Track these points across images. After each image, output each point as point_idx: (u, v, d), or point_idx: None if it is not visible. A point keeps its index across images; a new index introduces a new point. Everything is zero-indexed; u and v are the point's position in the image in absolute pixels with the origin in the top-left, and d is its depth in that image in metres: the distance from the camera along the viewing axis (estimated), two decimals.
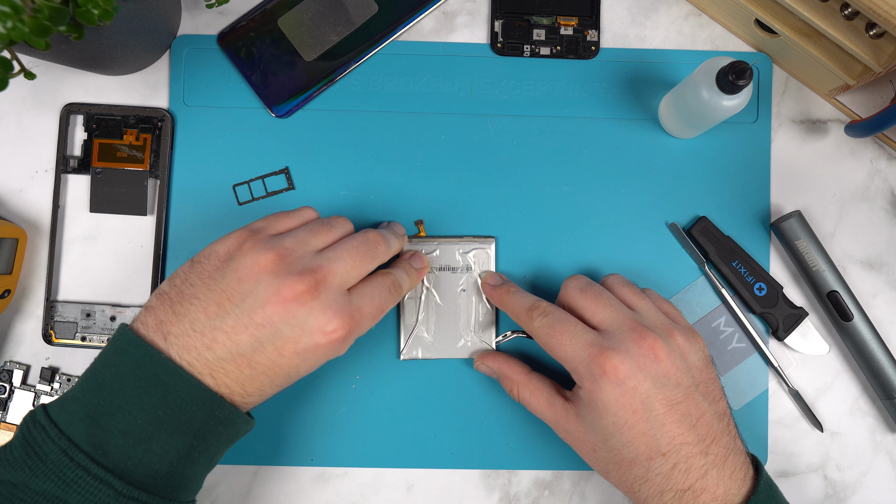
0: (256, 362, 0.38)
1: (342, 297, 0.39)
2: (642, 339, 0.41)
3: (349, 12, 0.51)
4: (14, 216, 0.51)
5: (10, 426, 0.50)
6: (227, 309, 0.38)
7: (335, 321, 0.38)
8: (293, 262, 0.39)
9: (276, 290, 0.37)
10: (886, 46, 0.44)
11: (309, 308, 0.38)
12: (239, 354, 0.38)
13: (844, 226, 0.52)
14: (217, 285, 0.38)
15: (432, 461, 0.50)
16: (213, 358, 0.37)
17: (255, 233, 0.40)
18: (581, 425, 0.43)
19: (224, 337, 0.37)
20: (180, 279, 0.39)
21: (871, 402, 0.52)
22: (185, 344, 0.37)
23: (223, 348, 0.37)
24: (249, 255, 0.38)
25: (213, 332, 0.37)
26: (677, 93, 0.47)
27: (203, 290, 0.38)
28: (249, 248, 0.39)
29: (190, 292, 0.38)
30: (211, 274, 0.39)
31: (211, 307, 0.38)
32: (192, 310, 0.38)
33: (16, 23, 0.33)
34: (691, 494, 0.40)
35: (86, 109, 0.51)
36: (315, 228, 0.42)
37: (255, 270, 0.38)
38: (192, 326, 0.38)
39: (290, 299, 0.37)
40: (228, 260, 0.39)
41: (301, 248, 0.40)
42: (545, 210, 0.51)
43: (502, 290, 0.48)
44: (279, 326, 0.37)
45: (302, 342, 0.38)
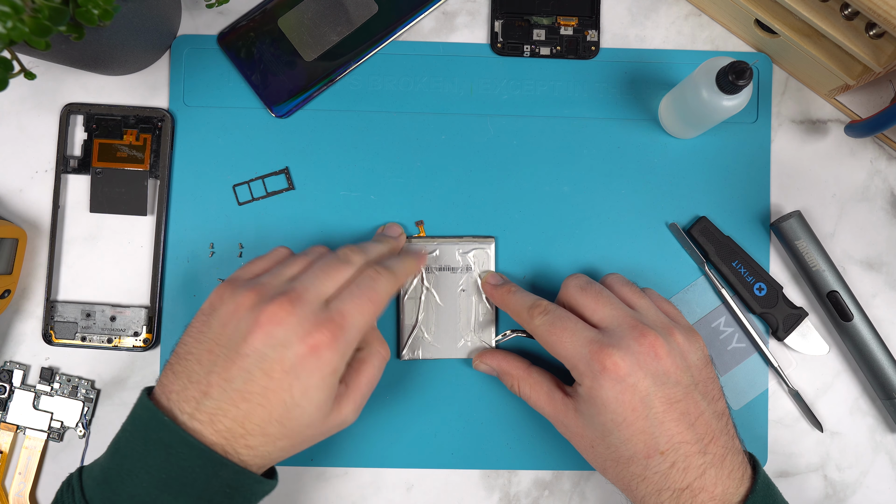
0: (250, 393, 0.38)
1: (318, 308, 0.39)
2: (643, 337, 0.41)
3: (349, 12, 0.51)
4: (14, 216, 0.51)
5: (10, 426, 0.50)
6: (216, 353, 0.39)
7: (314, 331, 0.38)
8: (268, 292, 0.40)
9: (254, 319, 0.38)
10: (886, 46, 0.44)
11: (286, 325, 0.38)
12: (233, 391, 0.38)
13: (844, 226, 0.52)
14: (205, 336, 0.40)
15: (432, 461, 0.50)
16: (210, 403, 0.38)
17: (231, 282, 0.41)
18: (580, 421, 0.43)
19: (217, 378, 0.38)
20: (178, 346, 0.41)
21: (871, 402, 0.52)
22: (184, 397, 0.38)
23: (218, 389, 0.38)
24: (229, 301, 0.40)
25: (207, 377, 0.38)
26: (677, 93, 0.47)
27: (194, 346, 0.40)
28: (229, 296, 0.40)
29: (184, 351, 0.40)
30: (199, 329, 0.40)
31: (203, 357, 0.39)
32: (188, 365, 0.39)
33: (16, 23, 0.33)
34: (689, 493, 0.40)
35: (86, 109, 0.51)
36: (290, 261, 0.43)
37: (236, 311, 0.39)
38: (189, 379, 0.39)
39: (266, 322, 0.38)
40: (212, 312, 0.40)
41: (276, 279, 0.41)
42: (545, 210, 0.51)
43: (503, 289, 0.48)
44: (263, 351, 0.38)
45: (287, 359, 0.38)
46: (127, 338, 0.50)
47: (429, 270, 0.50)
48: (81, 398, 0.50)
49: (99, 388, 0.51)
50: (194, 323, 0.41)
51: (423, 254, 0.49)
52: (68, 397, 0.50)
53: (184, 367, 0.39)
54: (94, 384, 0.51)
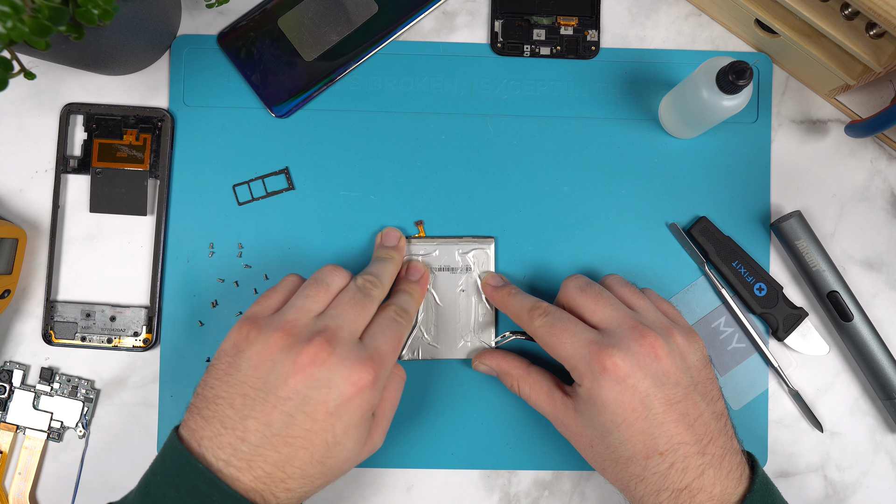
0: (292, 437, 0.37)
1: (357, 346, 0.40)
2: (643, 338, 0.41)
3: (349, 12, 0.51)
4: (14, 216, 0.51)
5: (9, 426, 0.50)
6: (251, 397, 0.38)
7: (358, 369, 0.38)
8: (300, 331, 0.39)
9: (293, 361, 0.38)
10: (886, 46, 0.44)
11: (329, 366, 0.38)
12: (274, 435, 0.37)
13: (844, 226, 0.52)
14: (235, 379, 0.39)
15: (432, 461, 0.50)
16: (248, 448, 0.37)
17: (254, 320, 0.41)
18: (579, 420, 0.43)
19: (255, 423, 0.38)
20: (200, 386, 0.40)
21: (871, 402, 0.52)
22: (219, 444, 0.38)
23: (256, 435, 0.37)
24: (258, 342, 0.39)
25: (243, 422, 0.38)
26: (677, 93, 0.47)
27: (224, 389, 0.39)
28: (256, 336, 0.39)
29: (212, 395, 0.39)
30: (227, 371, 0.39)
31: (236, 400, 0.38)
32: (219, 409, 0.38)
33: (16, 23, 0.33)
34: (688, 494, 0.40)
35: (86, 109, 0.51)
36: (310, 293, 0.42)
37: (268, 353, 0.39)
38: (223, 424, 0.38)
39: (308, 364, 0.38)
40: (238, 354, 0.39)
41: (303, 316, 0.40)
42: (545, 210, 0.51)
43: (503, 291, 0.48)
44: (306, 393, 0.38)
45: (332, 400, 0.38)
46: (127, 338, 0.50)
47: (429, 275, 0.50)
48: (81, 398, 0.50)
49: (99, 388, 0.51)
50: (218, 364, 0.40)
51: (426, 275, 0.49)
52: (68, 397, 0.50)
53: (214, 412, 0.38)
54: (93, 384, 0.51)
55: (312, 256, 0.51)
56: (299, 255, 0.51)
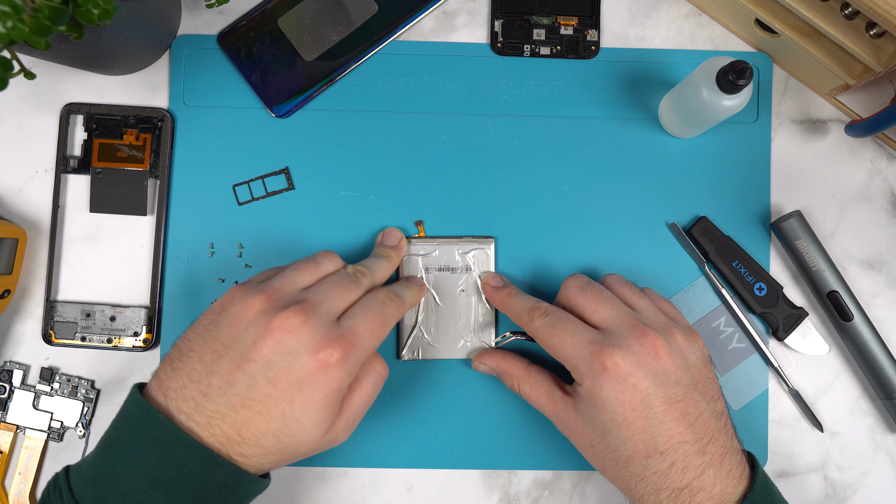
0: (251, 400, 0.37)
1: (331, 323, 0.39)
2: (643, 337, 0.41)
3: (349, 12, 0.51)
4: (14, 216, 0.51)
5: (9, 426, 0.50)
6: (220, 354, 0.38)
7: (326, 345, 0.38)
8: (280, 298, 0.39)
9: (266, 325, 0.38)
10: (886, 46, 0.44)
11: (297, 335, 0.38)
12: (234, 395, 0.37)
13: (844, 226, 0.52)
14: (211, 335, 0.39)
15: (432, 461, 0.50)
16: (209, 405, 0.37)
17: (244, 284, 0.41)
18: (580, 419, 0.43)
19: (219, 380, 0.38)
20: (180, 340, 0.40)
21: (871, 402, 0.52)
22: (182, 396, 0.38)
23: (218, 391, 0.37)
24: (239, 301, 0.39)
25: (208, 377, 0.38)
26: (677, 93, 0.47)
27: (199, 343, 0.39)
28: (240, 296, 0.40)
29: (187, 347, 0.39)
30: (206, 327, 0.40)
31: (206, 356, 0.38)
32: (189, 362, 0.39)
33: (16, 22, 0.33)
34: (688, 493, 0.40)
35: (86, 109, 0.51)
36: (300, 267, 0.42)
37: (245, 313, 0.39)
38: (189, 377, 0.38)
39: (277, 329, 0.38)
40: (221, 311, 0.40)
41: (288, 286, 0.41)
42: (545, 210, 0.51)
43: (503, 292, 0.48)
44: (270, 358, 0.37)
45: (294, 370, 0.37)
46: (127, 338, 0.50)
47: (428, 271, 0.50)
48: (81, 398, 0.50)
49: (99, 388, 0.51)
50: (202, 320, 0.40)
51: (424, 285, 0.49)
52: (68, 397, 0.50)
53: (184, 364, 0.39)
54: (94, 384, 0.51)
55: None
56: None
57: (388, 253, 0.48)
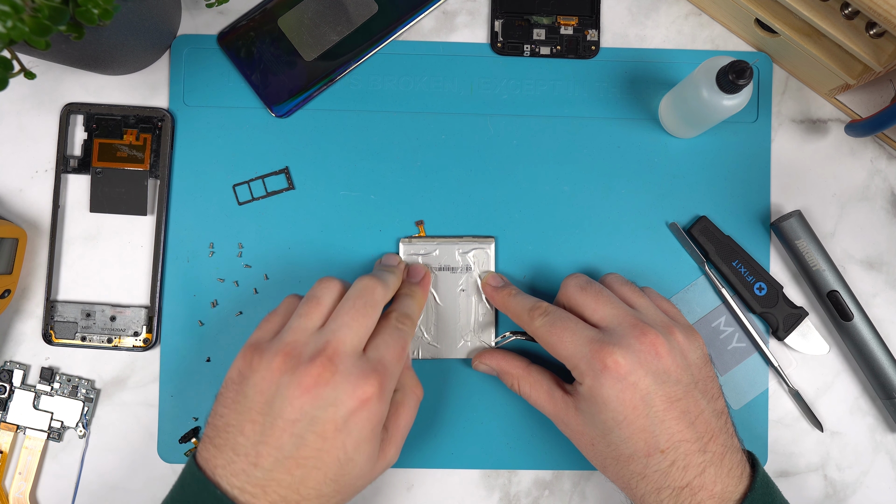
0: (304, 458, 0.38)
1: (360, 360, 0.39)
2: (643, 336, 0.41)
3: (349, 12, 0.51)
4: (14, 216, 0.51)
5: (10, 426, 0.50)
6: (259, 423, 0.38)
7: (362, 383, 0.38)
8: (300, 351, 0.39)
9: (297, 383, 0.38)
10: (886, 46, 0.44)
11: (333, 384, 0.38)
12: (286, 458, 0.37)
13: (844, 225, 0.52)
14: (243, 406, 0.39)
15: (432, 461, 0.50)
16: (261, 474, 0.37)
17: (256, 346, 0.41)
18: (580, 419, 0.43)
19: (266, 448, 0.38)
20: (211, 416, 0.40)
21: (871, 401, 0.52)
22: (232, 471, 0.38)
23: (269, 459, 0.38)
24: (261, 367, 0.39)
25: (255, 447, 0.38)
26: (677, 92, 0.47)
27: (233, 416, 0.39)
28: (259, 361, 0.39)
29: (223, 423, 0.39)
30: (234, 399, 0.40)
31: (246, 427, 0.38)
32: (230, 437, 0.39)
33: (16, 22, 0.33)
34: (689, 492, 0.40)
35: (86, 109, 0.51)
36: (303, 311, 0.42)
37: (272, 377, 0.39)
38: (235, 452, 0.38)
39: (312, 385, 0.38)
40: (243, 381, 0.40)
41: (301, 336, 0.40)
42: (545, 210, 0.51)
43: (504, 292, 0.48)
44: (313, 413, 0.38)
45: (339, 417, 0.38)
46: (127, 338, 0.50)
47: (430, 276, 0.50)
48: (81, 398, 0.50)
49: (99, 388, 0.51)
50: (225, 392, 0.40)
51: (428, 276, 0.49)
52: (68, 397, 0.50)
53: (225, 440, 0.39)
54: (94, 384, 0.51)
55: (312, 256, 0.51)
56: (299, 255, 0.51)
57: (390, 269, 0.47)
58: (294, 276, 0.50)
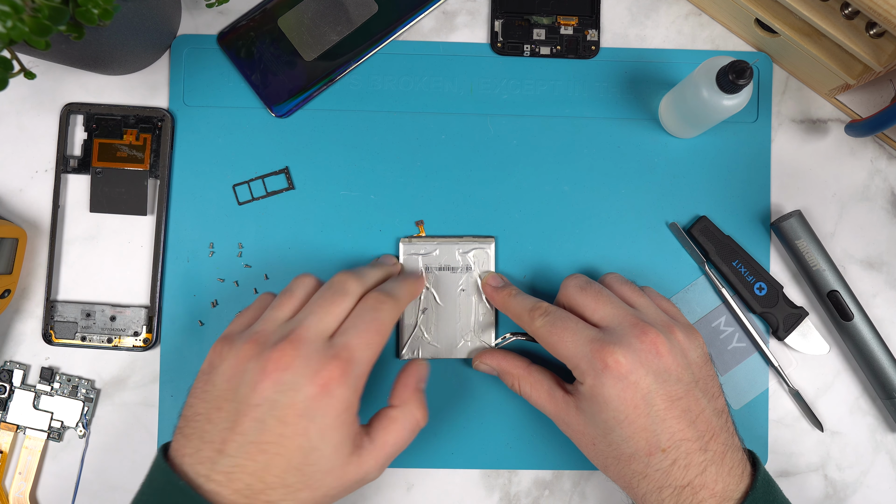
0: (266, 443, 0.37)
1: (323, 345, 0.39)
2: (644, 335, 0.41)
3: (349, 12, 0.51)
4: (14, 216, 0.51)
5: (10, 426, 0.50)
6: (226, 409, 0.38)
7: (321, 369, 0.38)
8: (267, 338, 0.39)
9: (261, 368, 0.38)
10: (886, 46, 0.44)
11: (293, 368, 0.38)
12: (248, 443, 0.37)
13: (844, 225, 0.52)
14: (210, 395, 0.39)
15: (432, 461, 0.50)
16: (226, 461, 0.37)
17: (226, 337, 0.41)
18: (581, 418, 0.43)
19: (231, 434, 0.37)
20: (184, 409, 0.40)
21: (871, 401, 0.52)
22: (199, 459, 0.38)
23: (233, 445, 0.37)
24: (229, 355, 0.39)
25: (221, 434, 0.38)
26: (677, 92, 0.47)
27: (202, 405, 0.39)
28: (227, 350, 0.40)
29: (192, 413, 0.39)
30: (203, 388, 0.40)
31: (213, 415, 0.38)
32: (198, 426, 0.39)
33: (16, 22, 0.33)
34: (690, 491, 0.40)
35: (86, 109, 0.51)
36: (276, 303, 0.42)
37: (238, 364, 0.39)
38: (202, 440, 0.38)
39: (274, 370, 0.38)
40: (213, 370, 0.40)
41: (270, 325, 0.41)
42: (545, 210, 0.51)
43: (504, 293, 0.48)
44: (274, 398, 0.37)
45: (299, 402, 0.37)
46: (127, 338, 0.50)
47: (428, 270, 0.50)
48: (81, 398, 0.50)
49: (99, 388, 0.51)
50: (196, 383, 0.40)
51: (422, 277, 0.49)
52: (68, 397, 0.50)
53: (194, 429, 0.39)
54: (94, 384, 0.51)
55: (312, 256, 0.51)
56: (299, 255, 0.51)
57: (382, 264, 0.47)
58: (294, 275, 0.50)
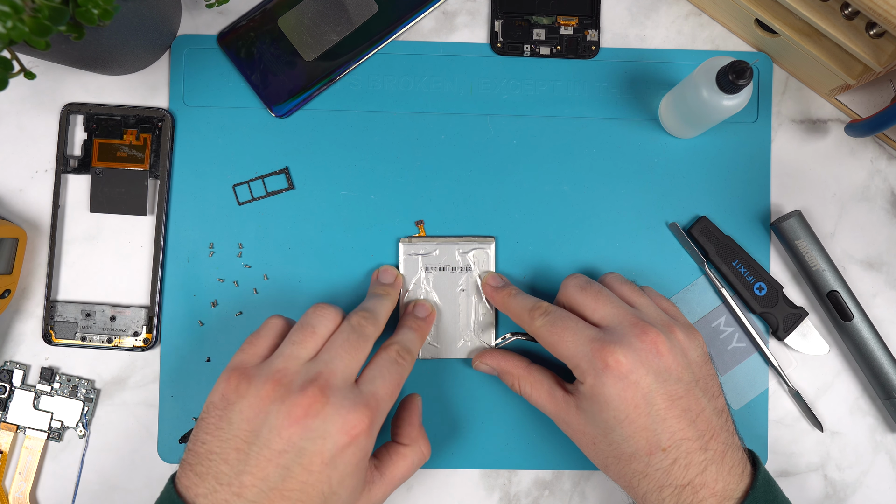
0: (289, 490, 0.37)
1: (351, 392, 0.39)
2: (644, 334, 0.41)
3: (349, 12, 0.51)
4: (14, 216, 0.51)
5: (10, 426, 0.50)
6: (245, 451, 0.37)
7: (352, 417, 0.38)
8: (291, 380, 0.38)
9: (287, 413, 0.37)
10: (886, 46, 0.44)
11: (324, 416, 0.37)
12: (270, 489, 0.37)
13: (844, 225, 0.52)
14: (227, 434, 0.38)
15: (432, 461, 0.50)
16: None
17: (241, 370, 0.40)
18: (581, 418, 0.43)
19: (251, 479, 0.37)
20: (191, 441, 0.39)
21: (871, 401, 0.52)
22: (214, 501, 0.37)
23: (253, 490, 0.37)
24: (249, 394, 0.38)
25: (238, 477, 0.37)
26: (677, 93, 0.47)
27: (217, 444, 0.38)
28: (246, 387, 0.39)
29: (205, 450, 0.38)
30: (217, 425, 0.38)
31: (230, 455, 0.37)
32: (212, 466, 0.38)
33: (16, 22, 0.33)
34: (691, 490, 0.40)
35: (86, 109, 0.51)
36: (297, 339, 0.41)
37: (260, 405, 0.38)
38: (218, 481, 0.37)
39: (302, 416, 0.37)
40: (228, 406, 0.39)
41: (293, 364, 0.40)
42: (545, 210, 0.51)
43: (504, 292, 0.48)
44: (301, 445, 0.37)
45: (327, 451, 0.37)
46: (127, 338, 0.50)
47: (428, 270, 0.50)
48: (81, 398, 0.50)
49: (99, 388, 0.51)
50: (208, 418, 0.39)
51: (432, 313, 0.49)
52: (68, 397, 0.50)
53: (208, 469, 0.38)
54: (94, 384, 0.51)
55: (312, 256, 0.51)
56: (299, 255, 0.51)
57: (386, 291, 0.47)
58: (294, 276, 0.51)
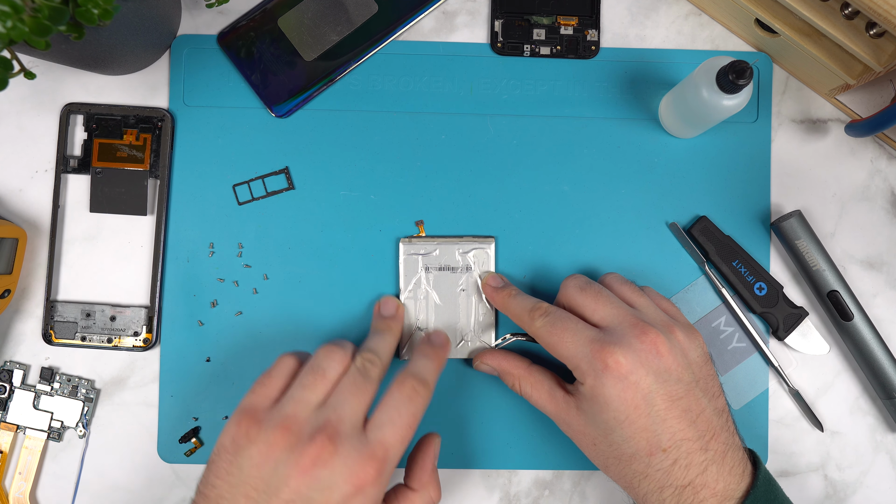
0: None
1: (359, 441, 0.38)
2: (644, 335, 0.41)
3: (349, 12, 0.51)
4: (14, 216, 0.51)
5: (10, 426, 0.50)
6: (254, 499, 0.37)
7: (359, 468, 0.37)
8: (301, 428, 0.38)
9: (294, 462, 0.37)
10: (886, 46, 0.44)
11: (331, 467, 0.37)
12: None
13: (844, 225, 0.52)
14: (237, 479, 0.38)
15: None
16: None
17: (252, 414, 0.39)
18: (582, 419, 0.43)
19: None
20: (201, 483, 0.39)
21: (871, 401, 0.52)
22: None
23: None
24: (259, 440, 0.38)
25: None
26: (677, 92, 0.47)
27: (226, 489, 0.38)
28: (256, 433, 0.38)
29: (215, 494, 0.38)
30: (227, 470, 0.38)
31: (240, 501, 0.37)
32: None
33: (16, 22, 0.33)
34: (691, 490, 0.40)
35: (86, 109, 0.51)
36: (307, 382, 0.40)
37: (270, 452, 0.38)
38: None
39: (310, 466, 0.37)
40: (238, 451, 0.38)
41: (302, 410, 0.39)
42: (545, 210, 0.51)
43: (504, 293, 0.48)
44: (308, 495, 0.37)
45: (334, 501, 0.37)
46: (127, 338, 0.50)
47: (428, 270, 0.50)
48: (81, 398, 0.50)
49: (99, 388, 0.51)
50: (218, 462, 0.39)
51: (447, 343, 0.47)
52: (68, 397, 0.50)
53: None
54: (94, 384, 0.51)
55: (312, 256, 0.51)
56: (299, 255, 0.51)
57: (388, 325, 0.47)
58: (294, 276, 0.51)
